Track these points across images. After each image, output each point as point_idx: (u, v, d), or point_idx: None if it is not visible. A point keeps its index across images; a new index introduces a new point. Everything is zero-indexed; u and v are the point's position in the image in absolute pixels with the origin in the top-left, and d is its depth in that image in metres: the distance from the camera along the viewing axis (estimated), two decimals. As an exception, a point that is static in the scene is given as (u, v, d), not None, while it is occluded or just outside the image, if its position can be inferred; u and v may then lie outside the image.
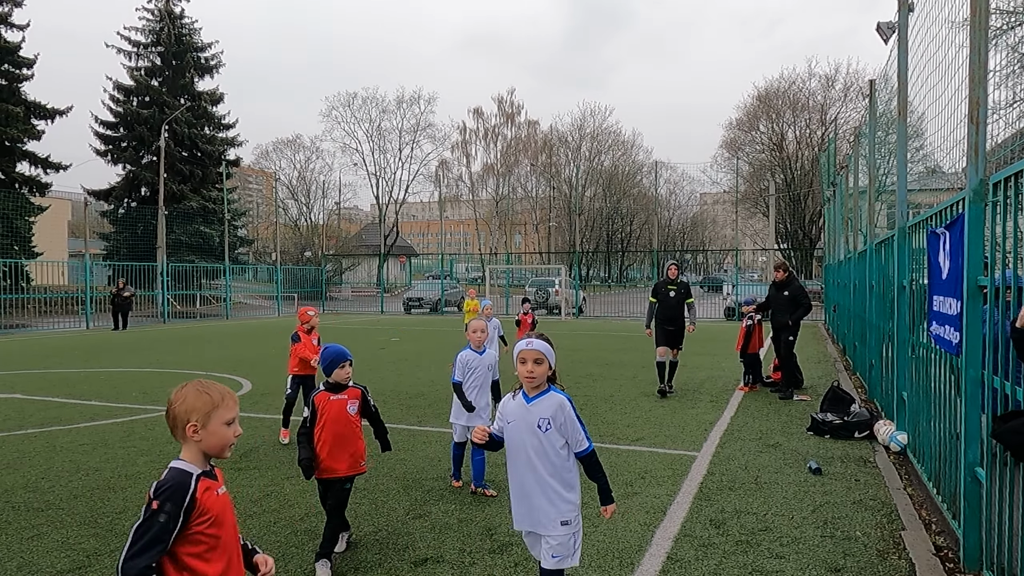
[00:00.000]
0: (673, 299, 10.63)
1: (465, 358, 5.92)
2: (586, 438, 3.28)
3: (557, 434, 3.22)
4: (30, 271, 33.75)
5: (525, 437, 3.24)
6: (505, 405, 3.40)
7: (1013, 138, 6.10)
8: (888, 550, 4.64)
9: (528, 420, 3.25)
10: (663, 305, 10.68)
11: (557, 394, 3.29)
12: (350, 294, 52.31)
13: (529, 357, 3.31)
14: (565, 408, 3.23)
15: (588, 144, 74.45)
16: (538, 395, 3.30)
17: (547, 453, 3.22)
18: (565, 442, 3.24)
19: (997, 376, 3.90)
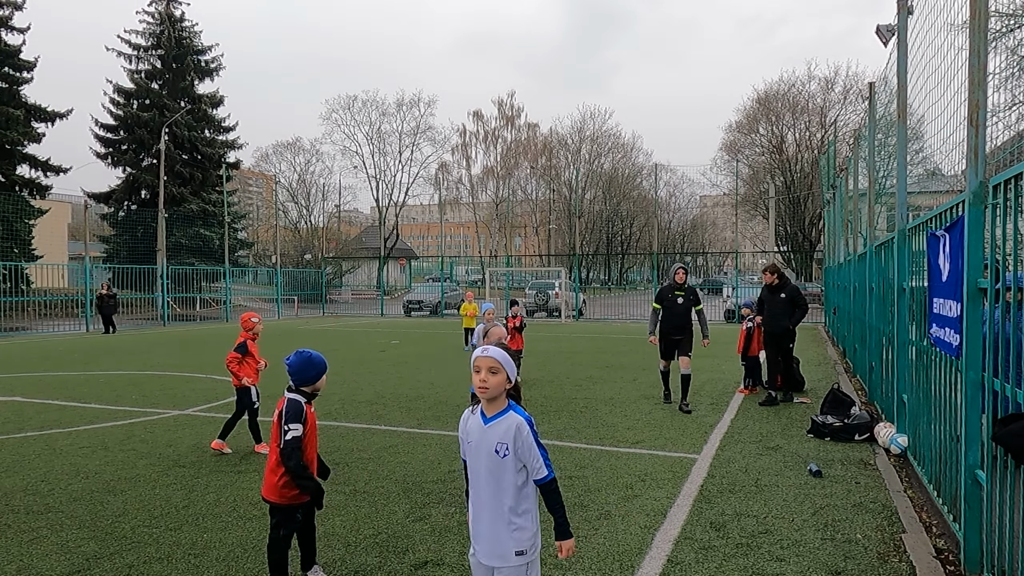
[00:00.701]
0: (680, 306, 9.71)
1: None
2: (545, 465, 3.00)
3: (515, 459, 2.96)
4: (30, 274, 33.76)
5: (483, 460, 3.00)
6: (466, 422, 3.16)
7: (1013, 140, 6.11)
8: (888, 553, 4.63)
9: (486, 442, 3.00)
10: (669, 313, 9.76)
11: (516, 414, 3.01)
12: (350, 297, 52.32)
13: (483, 365, 3.01)
14: (523, 431, 2.96)
15: (588, 147, 74.58)
16: (497, 415, 3.03)
17: (504, 479, 2.97)
18: (524, 467, 2.98)
19: (997, 379, 3.90)
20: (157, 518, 5.36)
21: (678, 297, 9.76)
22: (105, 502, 5.75)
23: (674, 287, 9.81)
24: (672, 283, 9.88)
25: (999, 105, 6.71)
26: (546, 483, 3.00)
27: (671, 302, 9.76)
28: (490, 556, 2.99)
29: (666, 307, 9.81)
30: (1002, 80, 7.36)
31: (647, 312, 34.29)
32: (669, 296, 9.80)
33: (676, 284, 9.81)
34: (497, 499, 2.97)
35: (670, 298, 9.78)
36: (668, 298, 9.79)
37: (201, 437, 8.06)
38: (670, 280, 10.00)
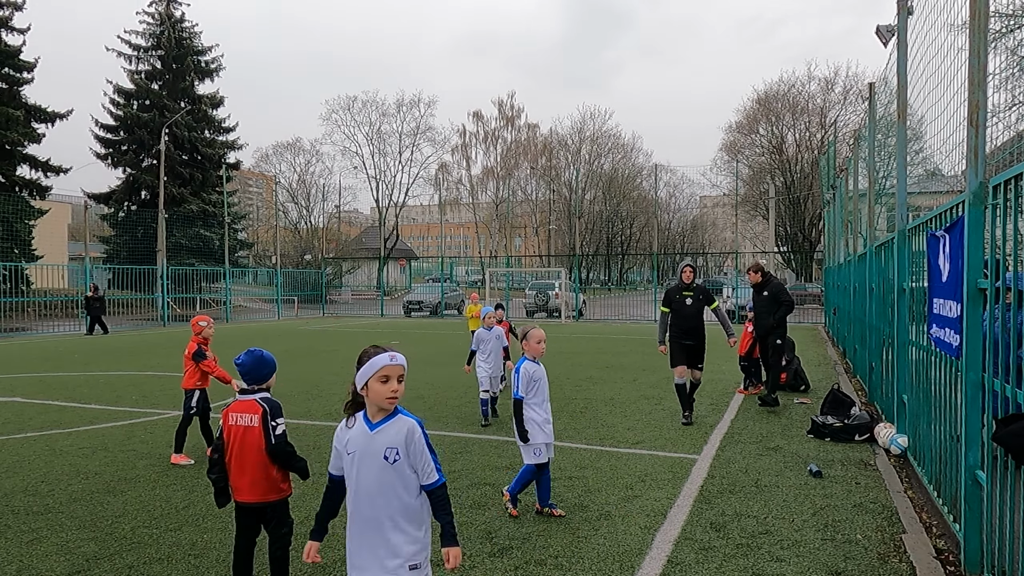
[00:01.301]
0: (690, 308, 8.89)
1: (528, 369, 5.37)
2: (436, 470, 2.84)
3: (406, 465, 2.80)
4: (30, 274, 33.76)
5: (370, 470, 2.80)
6: (342, 434, 2.93)
7: (1013, 141, 6.11)
8: (889, 553, 4.63)
9: (373, 449, 2.80)
10: (678, 316, 8.93)
11: (407, 417, 2.86)
12: (350, 297, 52.32)
13: (393, 374, 2.82)
14: (415, 434, 2.81)
15: (588, 147, 74.60)
16: (384, 420, 2.83)
17: (395, 487, 2.80)
18: (415, 474, 2.83)
19: (997, 379, 3.90)
20: (157, 519, 5.36)
21: (686, 298, 8.91)
22: (105, 503, 5.75)
23: (682, 287, 8.98)
24: (679, 283, 9.03)
25: (999, 105, 6.71)
26: (436, 488, 2.85)
27: (679, 304, 8.94)
28: (380, 572, 2.79)
29: (674, 310, 8.98)
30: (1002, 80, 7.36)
31: (647, 312, 34.52)
32: (676, 297, 8.97)
33: (683, 284, 8.96)
34: (387, 510, 2.78)
35: (678, 300, 8.96)
36: (676, 300, 8.98)
37: (201, 438, 8.04)
38: (677, 279, 9.18)
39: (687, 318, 8.90)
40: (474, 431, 8.33)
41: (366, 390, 2.84)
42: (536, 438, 5.28)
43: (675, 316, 8.96)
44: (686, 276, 8.96)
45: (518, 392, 5.29)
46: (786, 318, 10.02)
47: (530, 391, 5.33)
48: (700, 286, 9.00)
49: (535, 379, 5.37)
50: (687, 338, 8.87)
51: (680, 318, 8.92)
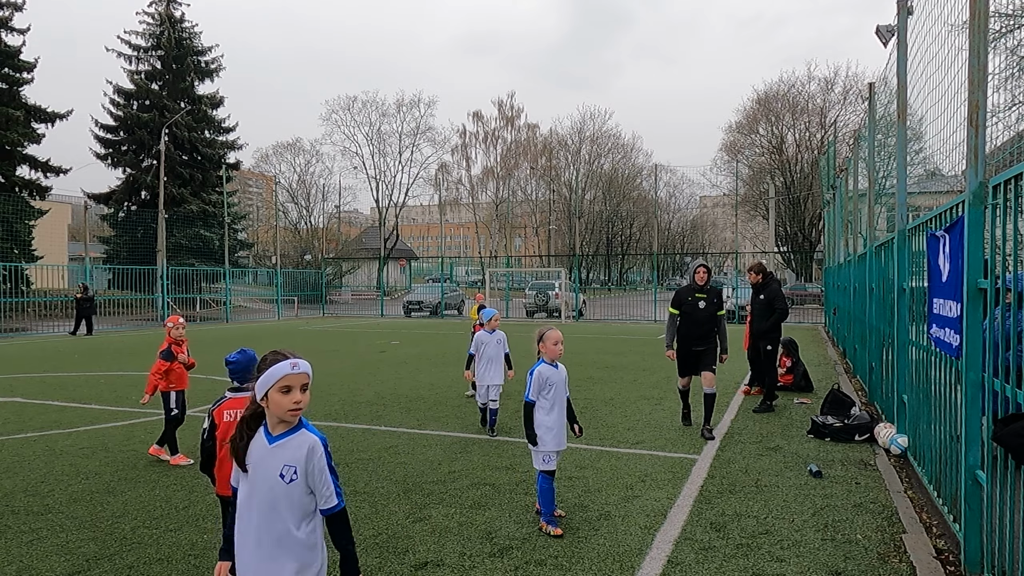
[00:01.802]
0: (703, 312, 8.19)
1: (544, 372, 5.14)
2: (336, 493, 2.60)
3: (303, 485, 2.56)
4: (30, 275, 33.75)
5: (265, 487, 2.56)
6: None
7: (1012, 141, 6.11)
8: (889, 553, 4.63)
9: (270, 466, 2.57)
10: (689, 320, 8.23)
11: (310, 433, 2.62)
12: (350, 297, 52.31)
13: (295, 383, 2.58)
14: (317, 452, 2.57)
15: (588, 147, 74.62)
16: (285, 433, 2.60)
17: (292, 509, 2.56)
18: (312, 495, 2.60)
19: (998, 379, 3.90)
20: (157, 519, 5.36)
21: (699, 301, 8.21)
22: (105, 503, 5.75)
23: (694, 289, 8.29)
24: (692, 284, 8.38)
25: (999, 105, 6.71)
26: (335, 513, 2.61)
27: (691, 307, 8.23)
28: None
29: (685, 313, 8.27)
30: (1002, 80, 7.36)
31: (647, 312, 34.49)
32: (688, 300, 8.27)
33: (697, 285, 8.29)
34: (277, 533, 2.54)
35: (689, 302, 8.25)
36: (687, 302, 8.26)
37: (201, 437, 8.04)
38: (689, 280, 8.49)
39: (699, 323, 8.18)
40: (474, 431, 8.33)
41: (266, 401, 2.60)
42: (546, 444, 5.05)
43: (685, 320, 8.27)
44: (700, 277, 8.26)
45: (529, 395, 5.09)
46: (780, 324, 9.97)
47: (542, 394, 5.11)
48: (715, 288, 8.32)
49: (550, 383, 5.12)
50: (698, 343, 8.22)
51: (691, 323, 8.22)
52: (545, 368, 5.15)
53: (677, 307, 8.37)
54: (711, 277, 8.32)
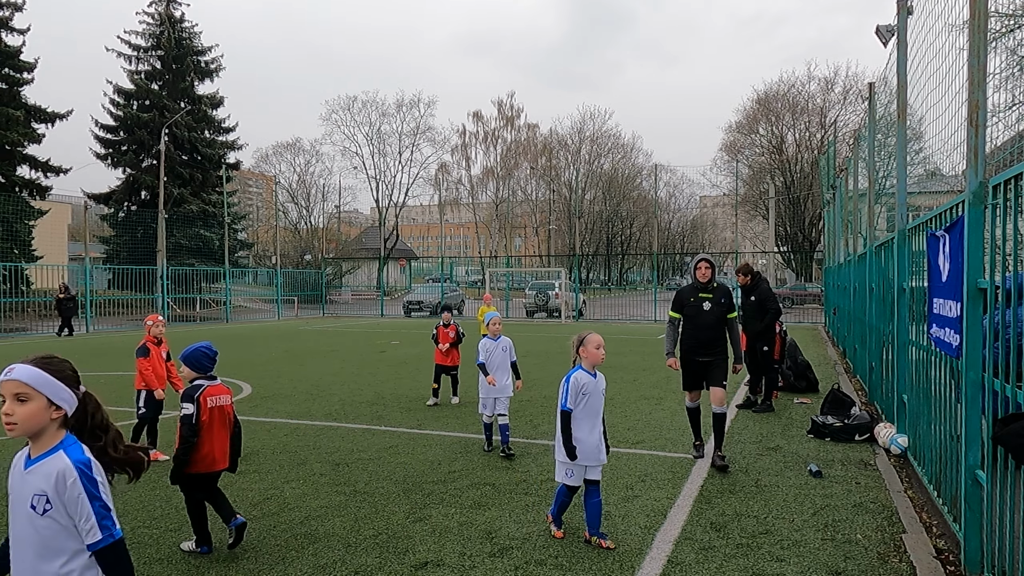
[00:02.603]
0: (708, 315, 6.90)
1: (580, 380, 4.78)
2: (101, 525, 2.13)
3: (61, 516, 2.13)
4: (30, 275, 33.75)
5: (17, 519, 2.18)
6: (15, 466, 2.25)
7: (1013, 140, 6.11)
8: (889, 553, 4.63)
9: (22, 494, 2.16)
10: (692, 324, 6.96)
11: (66, 456, 2.15)
12: (350, 298, 52.32)
13: (7, 392, 2.16)
14: (69, 478, 2.11)
15: (588, 147, 74.64)
16: (41, 455, 2.17)
17: (46, 545, 2.14)
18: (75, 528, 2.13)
19: (998, 379, 3.90)
20: (157, 519, 5.36)
21: (703, 302, 6.94)
22: (105, 503, 5.75)
23: (698, 288, 7.02)
24: (694, 282, 7.10)
25: (999, 105, 6.72)
26: (102, 549, 2.14)
27: (694, 309, 6.98)
28: None
29: (687, 316, 7.03)
30: (1002, 80, 7.36)
31: (647, 312, 34.48)
32: (691, 301, 7.00)
33: (700, 283, 7.00)
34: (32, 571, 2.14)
35: (692, 303, 6.99)
36: (690, 303, 7.01)
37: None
38: (691, 278, 7.23)
39: (704, 328, 6.91)
40: (474, 431, 8.33)
41: None
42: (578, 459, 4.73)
43: (688, 325, 7.04)
44: (702, 274, 6.98)
45: (565, 403, 4.72)
46: (774, 324, 9.92)
47: (579, 404, 4.74)
48: (722, 286, 7.04)
49: (586, 392, 4.74)
50: (703, 353, 6.90)
51: (695, 327, 6.96)
52: (583, 375, 4.79)
53: (678, 310, 7.08)
54: (716, 273, 7.08)
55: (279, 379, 12.50)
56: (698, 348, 6.94)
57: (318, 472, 6.63)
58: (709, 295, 6.95)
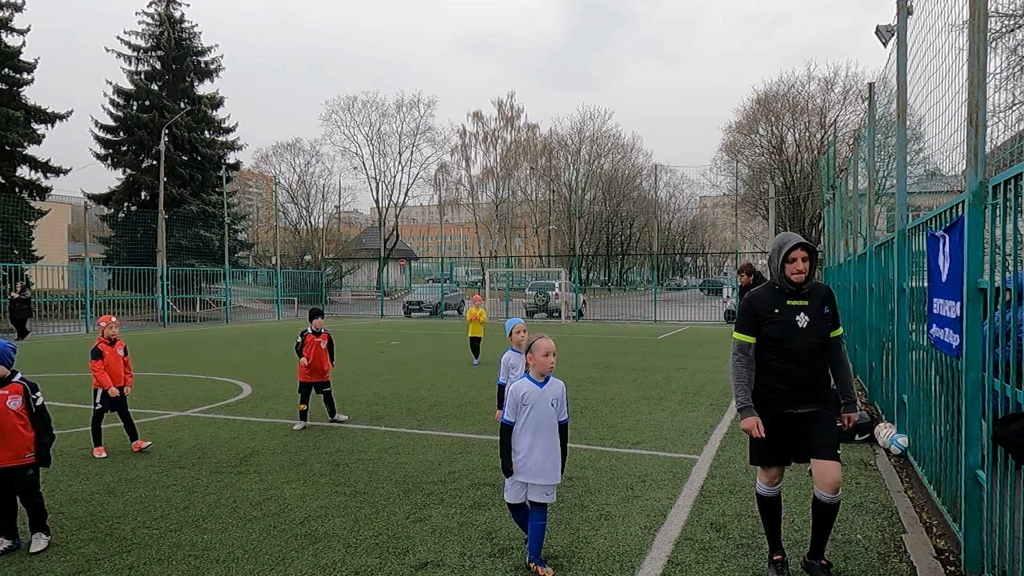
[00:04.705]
0: (807, 335, 4.21)
1: (518, 391, 4.32)
2: None
3: None
4: (30, 275, 33.74)
5: None
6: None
7: (1012, 141, 6.11)
8: (889, 553, 4.63)
9: None
10: (779, 353, 4.23)
11: None
12: (350, 298, 52.32)
13: None
14: None
15: (588, 147, 74.65)
16: None
17: None
18: None
19: (998, 379, 3.90)
20: (157, 519, 5.36)
21: (798, 313, 4.22)
22: (105, 503, 5.75)
23: (786, 292, 4.27)
24: (781, 282, 4.27)
25: (999, 105, 6.71)
26: None
27: (781, 327, 4.22)
28: None
29: (769, 340, 4.25)
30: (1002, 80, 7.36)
31: (647, 312, 34.60)
32: (774, 314, 4.24)
33: (790, 285, 4.23)
34: None
35: (777, 319, 4.23)
36: (773, 318, 4.24)
37: (202, 438, 8.06)
38: (774, 276, 4.32)
39: (799, 358, 4.19)
40: (474, 431, 8.33)
41: None
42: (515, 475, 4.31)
43: (769, 355, 4.25)
44: (797, 269, 4.19)
45: (505, 415, 4.33)
46: None
47: (521, 416, 4.27)
48: (821, 287, 4.34)
49: (527, 402, 4.26)
50: (798, 401, 4.22)
51: (782, 358, 4.21)
52: (525, 384, 4.32)
53: (754, 330, 4.29)
54: (816, 267, 4.39)
55: (279, 379, 12.49)
56: (788, 394, 4.21)
57: (318, 472, 6.63)
58: (804, 302, 4.24)
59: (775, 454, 4.33)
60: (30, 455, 4.86)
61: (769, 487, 4.43)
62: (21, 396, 4.88)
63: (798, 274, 4.20)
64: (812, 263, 4.26)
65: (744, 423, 4.24)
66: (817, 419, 4.24)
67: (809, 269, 4.23)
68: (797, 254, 4.20)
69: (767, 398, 4.27)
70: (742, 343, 4.32)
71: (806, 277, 4.22)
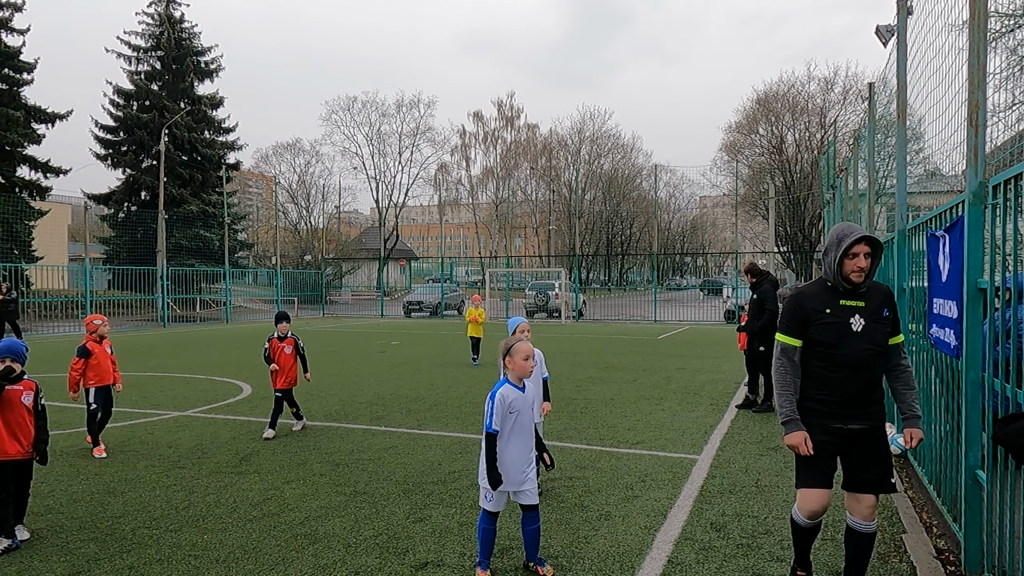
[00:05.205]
0: (861, 339, 3.71)
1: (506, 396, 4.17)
2: None
3: None
4: (30, 275, 33.74)
5: None
6: None
7: (1012, 140, 6.11)
8: (889, 553, 4.63)
9: None
10: (829, 360, 3.75)
11: None
12: (350, 298, 52.31)
13: None
14: None
15: (588, 147, 74.66)
16: None
17: None
18: None
19: (998, 379, 3.90)
20: (157, 519, 5.36)
21: (852, 315, 3.75)
22: (105, 503, 5.75)
23: (840, 290, 3.79)
24: (836, 278, 3.79)
25: (999, 105, 6.72)
26: None
27: (833, 330, 3.75)
28: None
29: (818, 344, 3.79)
30: (1002, 80, 7.36)
31: (647, 312, 34.64)
32: (825, 314, 3.77)
33: (846, 284, 3.76)
34: None
35: (828, 321, 3.76)
36: (823, 320, 3.77)
37: (202, 438, 8.06)
38: (828, 271, 3.83)
39: (852, 366, 3.71)
40: (475, 431, 8.32)
41: None
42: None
43: (819, 361, 3.78)
44: (858, 267, 3.69)
45: (491, 424, 4.10)
46: (772, 325, 9.82)
47: (507, 424, 4.15)
48: (882, 287, 3.85)
49: (513, 409, 4.16)
50: (850, 415, 3.74)
51: (833, 365, 3.74)
52: (510, 390, 4.17)
53: (800, 332, 3.82)
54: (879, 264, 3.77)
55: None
56: (835, 407, 3.73)
57: (318, 472, 6.63)
58: (859, 302, 3.75)
59: (823, 474, 3.77)
60: (31, 450, 5.07)
61: (810, 519, 3.83)
62: (33, 393, 5.12)
63: (858, 272, 3.68)
64: (875, 260, 3.72)
65: (790, 438, 3.75)
66: (870, 437, 3.75)
67: (871, 267, 3.71)
68: (860, 248, 3.67)
69: (810, 410, 3.79)
70: (787, 346, 3.85)
71: (864, 277, 3.71)
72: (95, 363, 7.57)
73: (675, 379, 12.65)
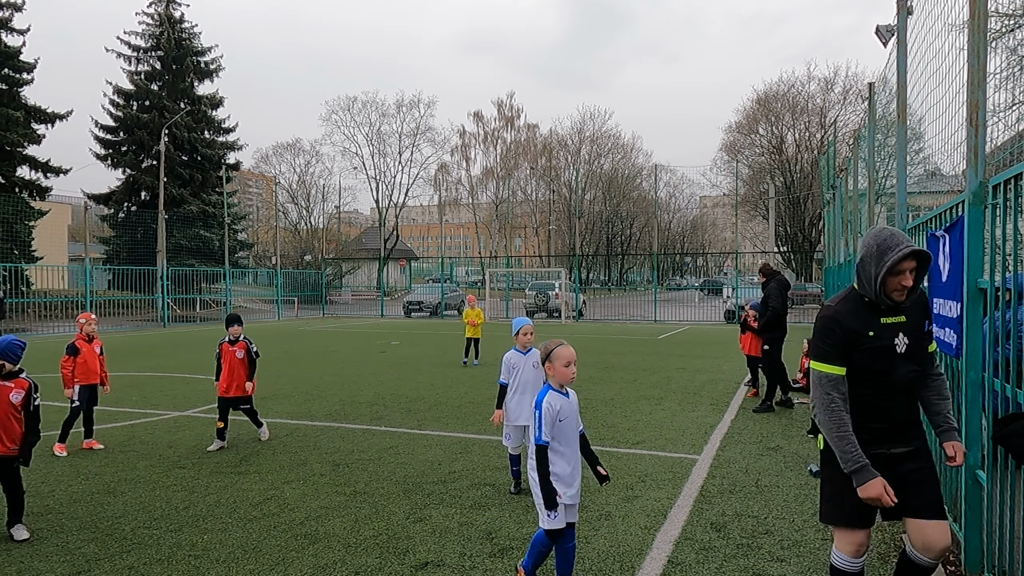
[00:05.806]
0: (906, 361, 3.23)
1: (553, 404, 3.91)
2: None
3: None
4: (30, 275, 33.75)
5: None
6: None
7: (1013, 140, 6.11)
8: (889, 553, 4.64)
9: None
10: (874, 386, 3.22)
11: None
12: (350, 298, 52.30)
13: None
14: None
15: (588, 147, 74.67)
16: None
17: None
18: None
19: (998, 379, 3.90)
20: (157, 519, 5.36)
21: (895, 334, 3.24)
22: (105, 503, 5.75)
23: (879, 308, 3.25)
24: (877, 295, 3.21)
25: (999, 105, 6.72)
26: None
27: (879, 354, 3.22)
28: None
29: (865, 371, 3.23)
30: (1002, 80, 7.37)
31: (647, 312, 34.64)
32: (868, 337, 3.20)
33: (889, 300, 3.21)
34: None
35: (874, 347, 3.21)
36: (867, 343, 3.20)
37: (202, 438, 8.06)
38: (866, 284, 3.26)
39: (899, 390, 3.28)
40: (474, 431, 8.33)
41: None
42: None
43: (865, 389, 3.24)
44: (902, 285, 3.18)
45: (540, 436, 3.85)
46: (777, 323, 9.80)
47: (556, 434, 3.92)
48: (920, 296, 3.37)
49: (562, 417, 3.90)
50: (892, 441, 3.29)
51: (880, 392, 3.26)
52: (556, 398, 3.93)
53: (843, 358, 3.23)
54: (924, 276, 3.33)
55: (279, 379, 12.49)
56: (882, 433, 3.28)
57: (318, 472, 6.63)
58: (901, 318, 3.29)
59: (862, 516, 3.21)
60: (15, 447, 5.06)
61: (853, 559, 3.28)
62: (24, 392, 5.13)
63: (900, 291, 3.18)
64: (921, 275, 3.24)
65: (866, 489, 3.05)
66: (915, 463, 3.28)
67: (915, 281, 3.21)
68: (906, 265, 3.14)
69: (866, 437, 3.21)
70: (832, 377, 3.19)
71: (905, 296, 3.21)
72: (81, 361, 7.65)
73: (675, 379, 12.65)
